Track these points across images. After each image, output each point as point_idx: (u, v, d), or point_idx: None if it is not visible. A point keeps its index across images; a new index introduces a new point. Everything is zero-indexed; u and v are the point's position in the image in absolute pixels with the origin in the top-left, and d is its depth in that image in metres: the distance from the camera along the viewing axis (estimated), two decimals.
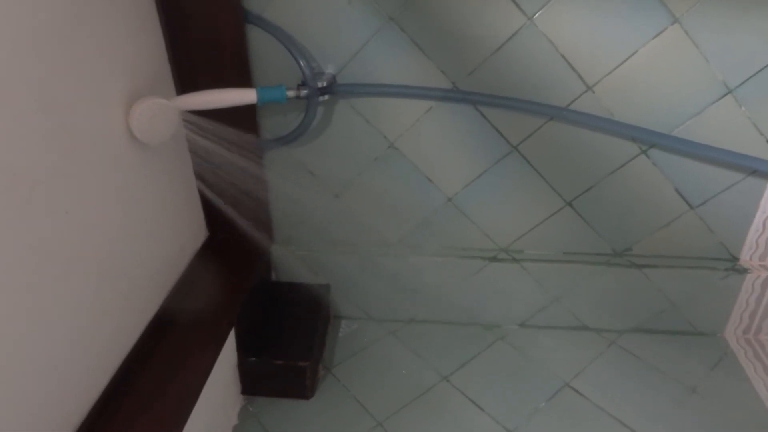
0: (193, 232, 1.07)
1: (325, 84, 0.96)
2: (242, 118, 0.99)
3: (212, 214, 1.09)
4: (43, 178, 0.62)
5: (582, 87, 0.97)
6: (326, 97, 0.98)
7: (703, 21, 0.90)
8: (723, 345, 1.19)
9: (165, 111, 0.81)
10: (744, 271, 1.12)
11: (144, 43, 0.84)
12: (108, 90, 0.75)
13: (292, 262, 1.18)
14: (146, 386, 0.79)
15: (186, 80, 0.94)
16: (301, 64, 0.94)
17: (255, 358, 1.02)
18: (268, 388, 1.05)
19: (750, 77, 0.94)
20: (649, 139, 1.00)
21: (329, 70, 0.99)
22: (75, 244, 0.68)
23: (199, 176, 1.03)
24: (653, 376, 1.11)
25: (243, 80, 0.96)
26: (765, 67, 0.93)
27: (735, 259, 1.14)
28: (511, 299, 1.20)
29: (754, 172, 1.03)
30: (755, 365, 1.14)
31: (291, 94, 0.94)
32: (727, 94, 0.96)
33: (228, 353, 0.97)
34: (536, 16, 0.91)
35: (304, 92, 0.95)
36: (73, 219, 0.67)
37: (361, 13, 0.93)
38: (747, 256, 1.14)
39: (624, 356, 1.16)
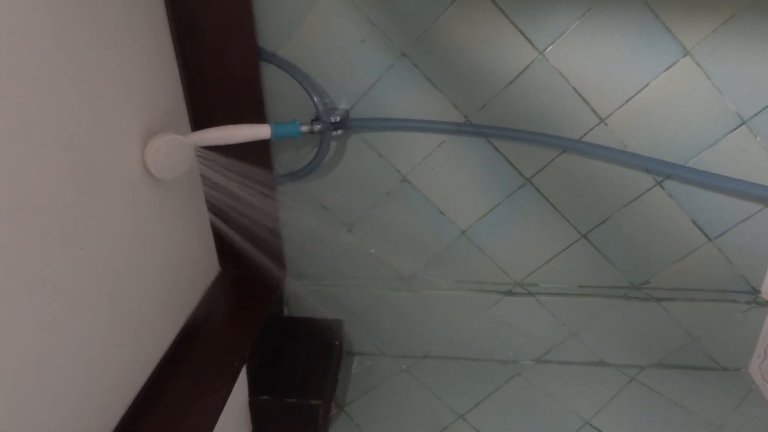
0: (205, 268, 1.06)
1: (338, 119, 0.97)
2: (256, 153, 0.99)
3: (224, 249, 1.08)
4: (60, 213, 0.62)
5: (595, 119, 0.97)
6: (339, 131, 0.99)
7: (714, 53, 0.90)
8: (748, 381, 1.16)
9: (180, 147, 0.82)
10: (766, 303, 1.10)
11: (161, 80, 0.85)
12: (125, 126, 0.75)
13: (305, 296, 1.17)
14: (156, 426, 0.77)
15: (201, 116, 0.95)
16: (315, 99, 0.95)
17: (267, 396, 1.00)
18: (280, 427, 1.02)
19: (764, 108, 0.93)
20: (663, 171, 1.00)
21: (342, 105, 1.00)
22: (88, 279, 0.68)
23: (212, 211, 1.03)
24: (677, 413, 1.08)
25: (257, 116, 0.97)
26: None
27: (756, 291, 1.12)
28: (527, 334, 1.17)
29: None
30: None
31: (305, 129, 0.95)
32: (741, 125, 0.95)
33: (239, 391, 0.95)
34: (547, 50, 0.92)
35: (317, 127, 0.96)
36: (86, 254, 0.67)
37: (373, 50, 0.94)
38: None
39: (645, 393, 1.13)
